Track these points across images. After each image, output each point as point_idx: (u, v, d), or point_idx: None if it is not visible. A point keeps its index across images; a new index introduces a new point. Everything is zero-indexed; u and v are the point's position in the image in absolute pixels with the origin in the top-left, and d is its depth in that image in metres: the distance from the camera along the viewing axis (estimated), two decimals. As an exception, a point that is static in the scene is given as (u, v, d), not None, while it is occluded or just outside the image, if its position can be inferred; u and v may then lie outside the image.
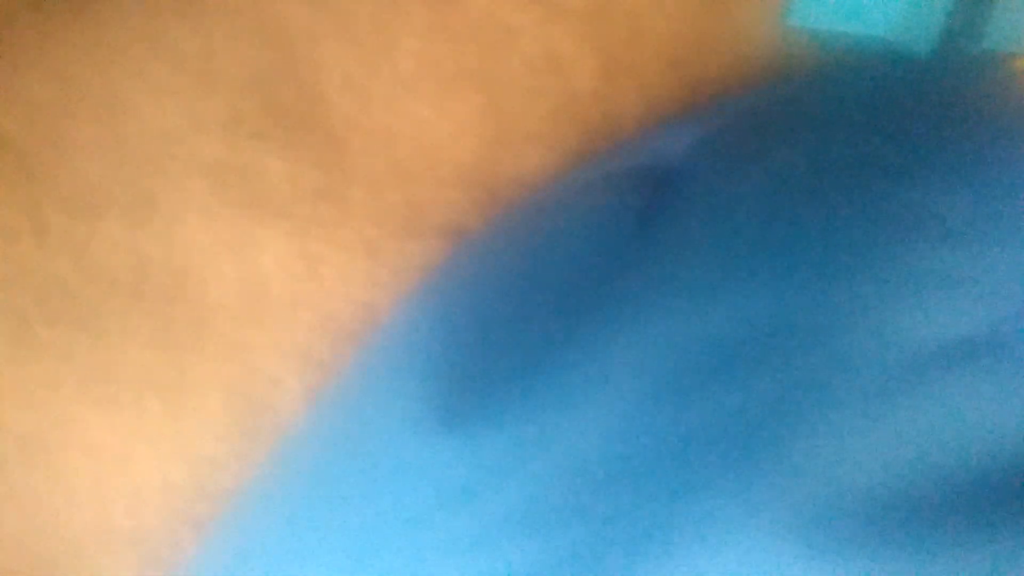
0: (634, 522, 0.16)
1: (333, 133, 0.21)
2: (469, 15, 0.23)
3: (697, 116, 0.24)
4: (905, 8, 0.24)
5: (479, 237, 0.23)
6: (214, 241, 0.20)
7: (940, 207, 0.18)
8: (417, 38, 0.22)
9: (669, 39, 0.25)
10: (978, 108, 0.21)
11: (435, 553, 0.17)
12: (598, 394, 0.18)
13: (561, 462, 0.17)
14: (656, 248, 0.20)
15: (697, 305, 0.19)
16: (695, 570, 0.16)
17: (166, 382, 0.20)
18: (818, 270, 0.18)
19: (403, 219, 0.23)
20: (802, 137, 0.22)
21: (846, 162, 0.20)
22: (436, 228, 0.23)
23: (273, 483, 0.21)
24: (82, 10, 0.19)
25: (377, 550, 0.18)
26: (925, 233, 0.18)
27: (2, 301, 0.19)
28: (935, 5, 0.24)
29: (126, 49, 0.19)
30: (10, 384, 0.20)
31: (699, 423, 0.17)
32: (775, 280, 0.18)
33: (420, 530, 0.18)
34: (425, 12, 0.22)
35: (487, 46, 0.23)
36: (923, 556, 0.15)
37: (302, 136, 0.21)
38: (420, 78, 0.22)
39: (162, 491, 0.21)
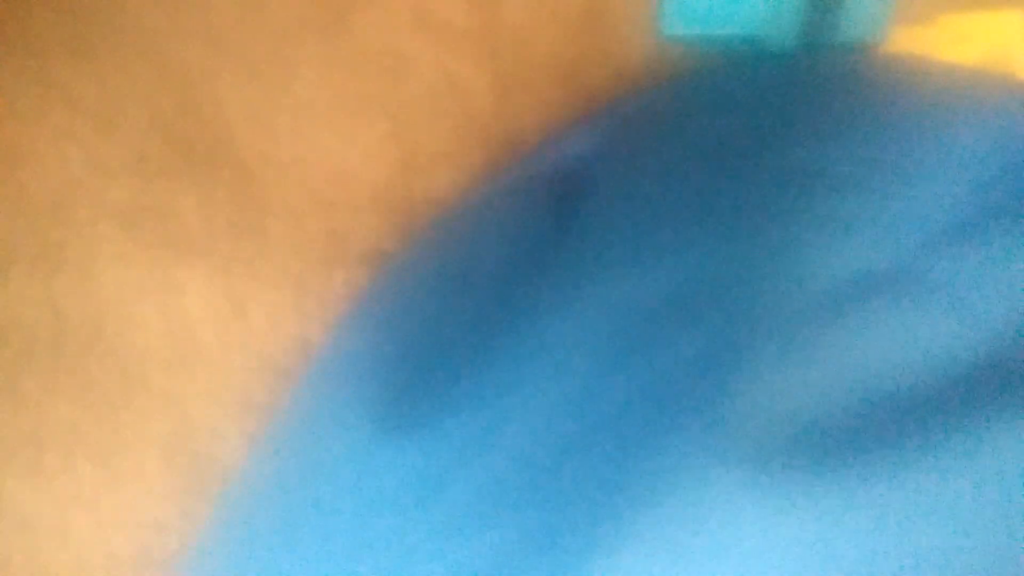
0: (595, 488, 0.16)
1: (243, 166, 0.21)
2: (362, 43, 0.23)
3: (590, 122, 0.25)
4: (767, 9, 0.25)
5: (401, 259, 0.23)
6: (133, 286, 0.19)
7: (825, 164, 0.20)
8: (314, 68, 0.22)
9: (557, 55, 0.26)
10: (841, 87, 0.23)
11: (405, 551, 0.17)
12: (540, 378, 0.18)
13: (515, 446, 0.17)
14: (574, 240, 0.21)
15: (622, 280, 0.19)
16: (665, 519, 0.16)
17: (98, 443, 0.19)
18: (726, 230, 0.19)
19: (324, 248, 0.22)
20: (690, 124, 0.23)
21: (733, 140, 0.21)
22: (358, 254, 0.23)
23: (226, 535, 0.20)
24: (-31, 60, 0.18)
25: (347, 561, 0.17)
26: (817, 186, 0.19)
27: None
28: (793, 4, 0.26)
29: (20, 97, 0.19)
30: (-73, 458, 0.18)
31: (640, 385, 0.17)
32: (689, 245, 0.19)
33: (387, 533, 0.17)
34: (318, 42, 0.22)
35: (384, 72, 0.23)
36: (857, 467, 0.16)
37: (211, 171, 0.20)
38: (322, 107, 0.22)
39: (107, 564, 0.19)
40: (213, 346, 0.21)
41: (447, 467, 0.18)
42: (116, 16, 0.20)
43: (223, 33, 0.22)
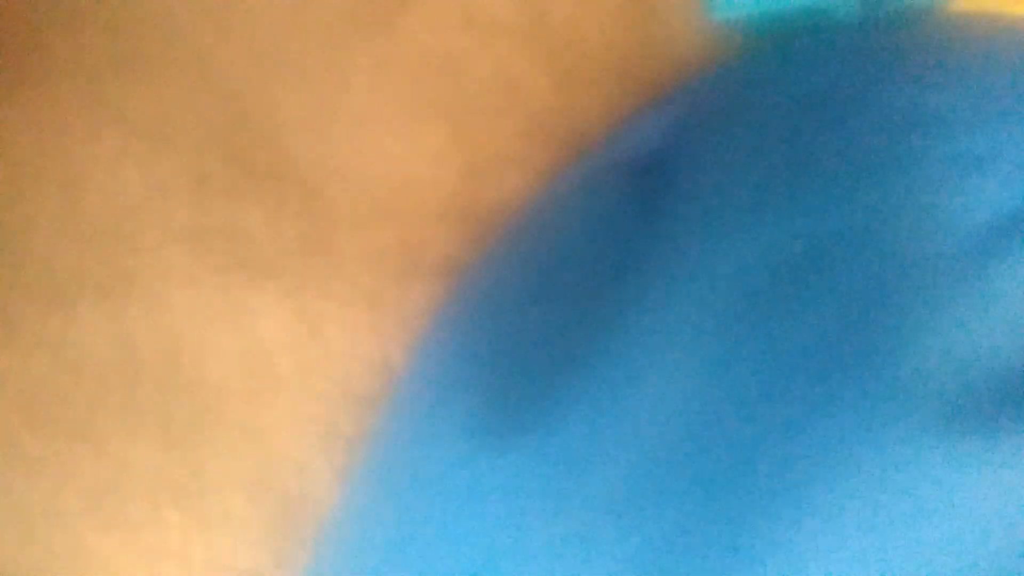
0: (751, 470, 0.15)
1: (305, 179, 0.20)
2: (414, 45, 0.22)
3: (657, 109, 0.24)
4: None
5: (479, 266, 0.22)
6: (205, 313, 0.18)
7: (929, 109, 0.18)
8: (368, 74, 0.21)
9: (611, 47, 0.25)
10: (922, 41, 0.22)
11: (534, 562, 0.15)
12: (660, 366, 0.17)
13: (645, 441, 0.16)
14: (667, 221, 0.19)
15: (735, 251, 0.18)
16: (843, 491, 0.14)
17: (181, 486, 0.18)
18: (841, 184, 0.18)
19: (397, 261, 0.21)
20: (770, 92, 0.21)
21: (822, 99, 0.20)
22: (432, 265, 0.21)
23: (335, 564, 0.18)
24: (21, 84, 0.17)
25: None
26: (928, 130, 0.18)
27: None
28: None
29: (75, 120, 0.17)
30: (5, 514, 0.16)
31: (784, 354, 0.16)
32: (803, 205, 0.18)
33: (507, 554, 0.15)
34: (370, 47, 0.21)
35: (439, 74, 0.22)
36: None
37: (274, 186, 0.19)
38: (380, 113, 0.21)
39: (200, 619, 0.18)
40: (291, 373, 0.20)
41: (567, 473, 0.16)
42: (166, 33, 0.19)
43: (273, 43, 0.21)
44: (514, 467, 0.17)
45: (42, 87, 0.18)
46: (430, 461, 0.18)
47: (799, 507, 0.14)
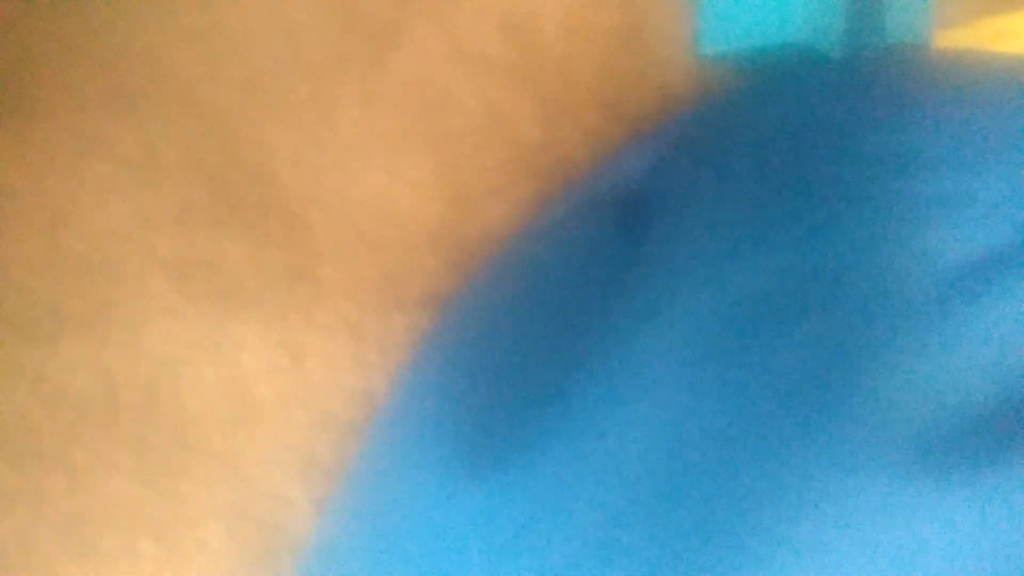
0: (727, 507, 0.15)
1: (291, 211, 0.20)
2: (402, 79, 0.22)
3: (642, 143, 0.24)
4: (807, 17, 0.25)
5: (462, 298, 0.22)
6: (186, 344, 0.18)
7: (907, 147, 0.19)
8: (356, 107, 0.21)
9: (598, 80, 0.25)
10: (901, 80, 0.22)
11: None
12: (640, 401, 0.17)
13: (624, 474, 0.16)
14: (648, 255, 0.20)
15: (712, 287, 0.18)
16: (813, 530, 0.14)
17: (158, 518, 0.18)
18: (818, 221, 0.18)
19: (381, 293, 0.21)
20: (751, 129, 0.22)
21: (801, 137, 0.20)
22: (416, 297, 0.21)
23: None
24: (8, 117, 0.17)
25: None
26: (905, 168, 0.18)
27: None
28: (834, 6, 0.25)
29: (60, 152, 0.17)
30: (-21, 546, 0.16)
31: (760, 391, 0.16)
32: (779, 243, 0.18)
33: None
34: (358, 81, 0.21)
35: (427, 107, 0.22)
36: (1015, 457, 0.14)
37: (260, 218, 0.19)
38: (368, 146, 0.21)
39: (174, 651, 0.18)
40: (272, 403, 0.20)
41: (547, 508, 0.16)
42: (154, 66, 0.19)
43: (261, 77, 0.21)
44: (494, 501, 0.17)
45: (29, 120, 0.18)
46: (410, 493, 0.19)
47: (782, 544, 0.14)
